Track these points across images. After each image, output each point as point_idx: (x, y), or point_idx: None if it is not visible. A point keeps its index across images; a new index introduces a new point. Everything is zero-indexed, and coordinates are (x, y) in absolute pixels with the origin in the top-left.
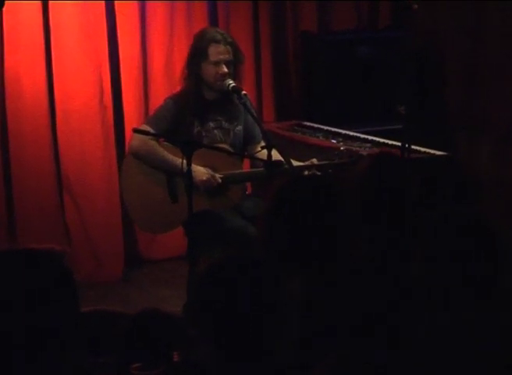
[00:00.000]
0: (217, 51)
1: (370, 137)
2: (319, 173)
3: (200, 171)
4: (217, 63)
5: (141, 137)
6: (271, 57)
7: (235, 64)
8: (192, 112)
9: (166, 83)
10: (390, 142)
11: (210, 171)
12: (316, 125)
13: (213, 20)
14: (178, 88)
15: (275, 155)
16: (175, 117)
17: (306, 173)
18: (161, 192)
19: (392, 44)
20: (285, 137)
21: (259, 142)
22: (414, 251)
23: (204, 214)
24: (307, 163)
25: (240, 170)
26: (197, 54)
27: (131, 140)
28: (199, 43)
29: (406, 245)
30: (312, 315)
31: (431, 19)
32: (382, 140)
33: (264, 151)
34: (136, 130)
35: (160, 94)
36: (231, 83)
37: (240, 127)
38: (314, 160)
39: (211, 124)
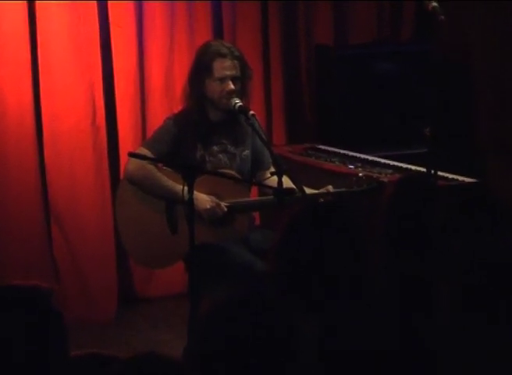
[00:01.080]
0: (222, 67)
1: (391, 162)
2: (336, 200)
3: (203, 199)
4: (222, 80)
5: (138, 161)
6: (282, 73)
7: (242, 81)
8: (195, 134)
9: (166, 101)
10: (414, 168)
11: (214, 199)
12: (331, 149)
13: (218, 32)
14: (179, 107)
15: (287, 182)
16: (175, 140)
17: (321, 200)
18: (159, 222)
19: (415, 59)
20: (297, 162)
21: (268, 168)
22: (440, 288)
23: (207, 247)
24: (321, 191)
25: (248, 198)
26: (201, 70)
27: (127, 164)
28: (202, 57)
29: (431, 280)
30: (327, 358)
31: (459, 32)
32: (404, 165)
33: (275, 178)
34: (132, 154)
35: (159, 113)
36: (237, 102)
37: (247, 152)
38: (330, 187)
39: (216, 148)
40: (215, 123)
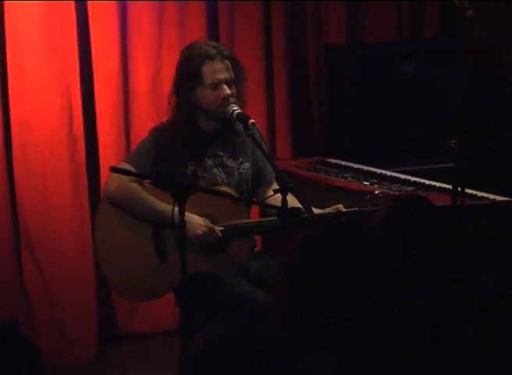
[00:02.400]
0: (213, 70)
1: (413, 179)
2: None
3: (195, 222)
4: (215, 85)
5: (120, 178)
6: (286, 76)
7: (236, 83)
8: (184, 146)
9: (153, 109)
10: (439, 185)
11: (208, 222)
12: (344, 163)
13: (213, 30)
14: (168, 114)
15: (292, 201)
16: (162, 154)
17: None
18: (146, 249)
19: (440, 59)
20: (304, 177)
21: (271, 184)
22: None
23: (200, 277)
24: (330, 210)
25: (247, 220)
26: (188, 77)
27: (107, 181)
28: (188, 63)
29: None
30: None
31: (490, 29)
32: (428, 182)
33: (278, 196)
34: (114, 169)
35: (145, 122)
36: (235, 109)
37: (246, 165)
38: (341, 206)
39: (210, 161)
40: (208, 133)
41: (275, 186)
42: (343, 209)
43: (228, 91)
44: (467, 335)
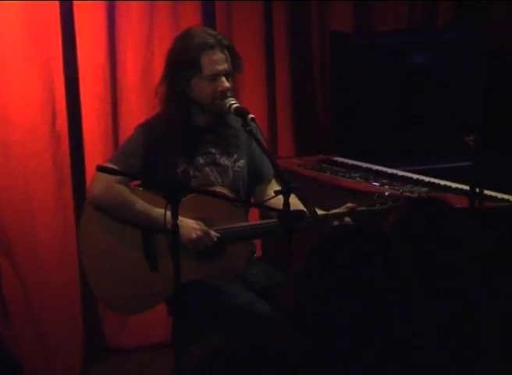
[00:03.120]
0: (212, 61)
1: (426, 179)
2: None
3: (188, 226)
4: (214, 77)
5: (105, 180)
6: (288, 67)
7: (232, 75)
8: (174, 143)
9: (143, 103)
10: (455, 185)
11: (202, 226)
12: (351, 161)
13: (208, 16)
14: (160, 109)
15: (295, 203)
16: (151, 151)
17: (349, 220)
18: (135, 257)
19: (456, 49)
20: (308, 177)
21: (270, 182)
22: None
23: (195, 286)
24: (340, 210)
25: (245, 223)
26: (185, 66)
27: (91, 184)
28: (186, 51)
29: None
30: None
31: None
32: (443, 182)
33: (280, 198)
34: (101, 169)
35: (135, 117)
36: (233, 103)
37: (242, 162)
38: (350, 205)
39: (201, 160)
40: (200, 128)
41: (275, 185)
42: (351, 205)
43: (227, 84)
44: (482, 342)
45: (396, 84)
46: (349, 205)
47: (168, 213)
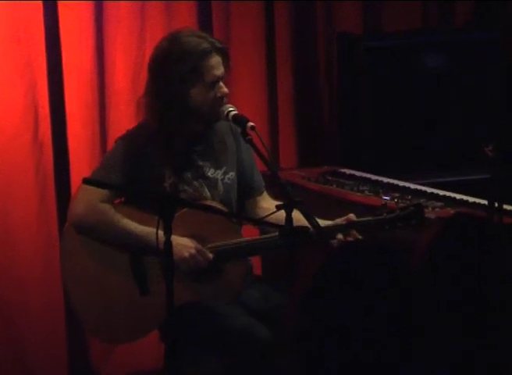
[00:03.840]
0: (212, 67)
1: (441, 192)
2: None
3: (181, 244)
4: (214, 83)
5: (87, 199)
6: (291, 71)
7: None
8: (160, 156)
9: (133, 109)
10: (472, 200)
11: (196, 243)
12: (360, 173)
13: (204, 16)
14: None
15: (297, 218)
16: (133, 165)
17: (342, 237)
18: (123, 281)
19: (474, 51)
20: (312, 191)
21: (261, 193)
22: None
23: (189, 309)
24: (341, 221)
25: (242, 239)
26: (185, 77)
27: (72, 204)
28: (184, 60)
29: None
30: None
31: None
32: (459, 196)
33: (281, 214)
34: (88, 181)
35: (124, 125)
36: (232, 109)
37: (232, 174)
38: (352, 216)
39: (189, 173)
40: (188, 138)
41: (267, 198)
42: (355, 219)
43: (225, 89)
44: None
45: (408, 90)
46: (350, 215)
47: (160, 231)
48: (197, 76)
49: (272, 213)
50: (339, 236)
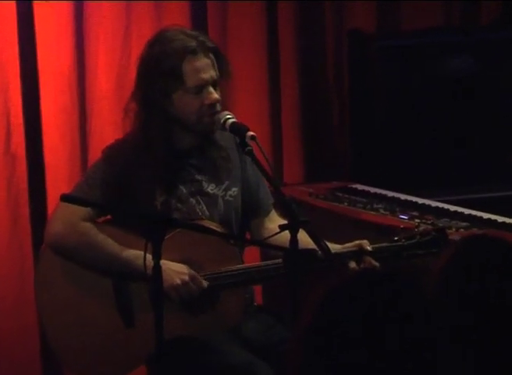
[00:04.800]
0: (196, 69)
1: (467, 211)
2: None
3: (172, 270)
4: (199, 88)
5: (67, 217)
6: (296, 74)
7: (219, 82)
8: (153, 170)
9: (118, 116)
10: (501, 219)
11: (189, 269)
12: (374, 189)
13: (198, 12)
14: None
15: (304, 240)
16: (120, 180)
17: (355, 265)
18: (105, 310)
19: (501, 52)
20: (320, 209)
21: (268, 214)
22: None
23: (180, 344)
24: (350, 246)
25: (241, 265)
26: (163, 79)
27: (50, 222)
28: (163, 59)
29: None
30: None
31: None
32: (486, 215)
33: (285, 235)
34: (66, 198)
35: (108, 134)
36: (229, 117)
37: (234, 191)
38: (365, 243)
39: (184, 189)
40: (181, 151)
41: (276, 218)
42: (368, 247)
43: (215, 95)
44: None
45: (427, 95)
46: (363, 242)
47: (149, 255)
48: (177, 80)
49: (275, 234)
50: (352, 264)
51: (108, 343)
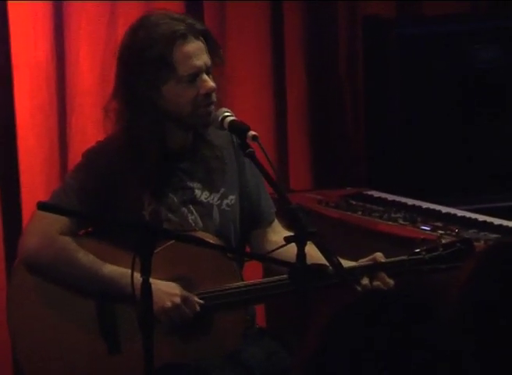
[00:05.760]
0: (187, 55)
1: (497, 221)
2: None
3: (161, 290)
4: (193, 76)
5: (43, 230)
6: (304, 66)
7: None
8: (140, 175)
9: (102, 114)
10: None
11: (180, 289)
12: (391, 196)
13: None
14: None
15: (312, 254)
16: (103, 186)
17: (367, 282)
18: (87, 335)
19: None
20: (331, 219)
21: (271, 224)
22: None
23: (173, 372)
24: (366, 262)
25: (240, 283)
26: (151, 68)
27: (24, 236)
28: (150, 47)
29: None
30: None
31: None
32: None
33: (291, 248)
34: (44, 206)
35: (90, 135)
36: (228, 114)
37: (232, 199)
38: (379, 255)
39: (175, 197)
40: (172, 153)
41: (280, 228)
42: (383, 260)
43: (211, 84)
44: None
45: (452, 89)
46: (377, 255)
47: (136, 273)
48: (167, 69)
49: (280, 247)
50: (365, 281)
51: (90, 371)
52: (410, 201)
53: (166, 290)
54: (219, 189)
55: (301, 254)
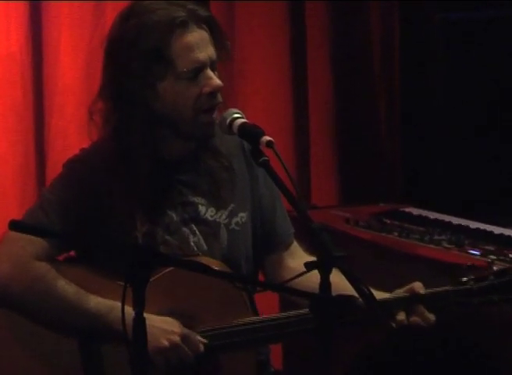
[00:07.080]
0: (188, 46)
1: None
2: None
3: (156, 327)
4: (195, 72)
5: (16, 254)
6: (329, 60)
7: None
8: (131, 189)
9: (86, 115)
10: None
11: (179, 326)
12: (433, 214)
13: None
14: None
15: (339, 283)
16: (87, 203)
17: (403, 317)
18: None
19: None
20: (361, 241)
21: (288, 247)
22: None
23: None
24: (401, 293)
25: (252, 318)
26: (144, 62)
27: None
28: (143, 38)
29: None
30: None
31: None
32: None
33: (313, 276)
34: (17, 226)
35: (72, 141)
36: (238, 116)
37: (243, 217)
38: (418, 286)
39: (174, 215)
40: (170, 162)
41: (300, 252)
42: (422, 291)
43: (217, 81)
44: None
45: (501, 82)
46: (416, 285)
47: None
48: (163, 63)
49: (300, 275)
50: (400, 316)
51: None
52: (455, 220)
53: (163, 326)
54: (228, 205)
55: (325, 283)
